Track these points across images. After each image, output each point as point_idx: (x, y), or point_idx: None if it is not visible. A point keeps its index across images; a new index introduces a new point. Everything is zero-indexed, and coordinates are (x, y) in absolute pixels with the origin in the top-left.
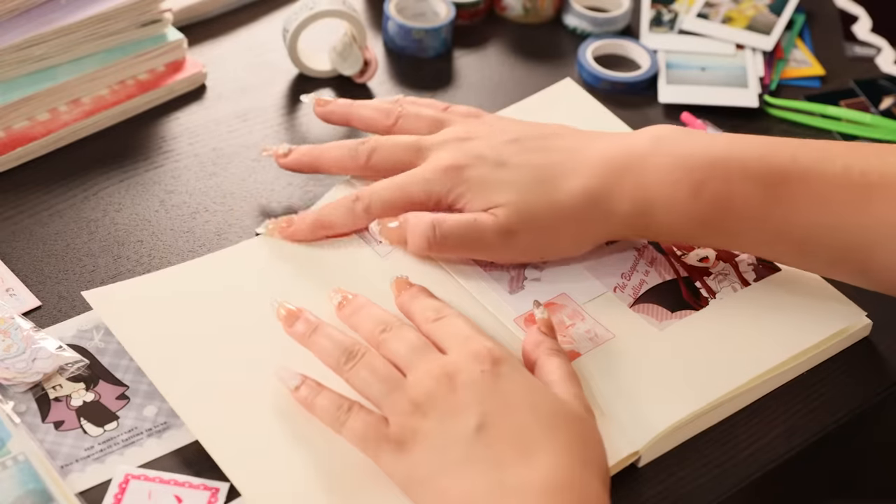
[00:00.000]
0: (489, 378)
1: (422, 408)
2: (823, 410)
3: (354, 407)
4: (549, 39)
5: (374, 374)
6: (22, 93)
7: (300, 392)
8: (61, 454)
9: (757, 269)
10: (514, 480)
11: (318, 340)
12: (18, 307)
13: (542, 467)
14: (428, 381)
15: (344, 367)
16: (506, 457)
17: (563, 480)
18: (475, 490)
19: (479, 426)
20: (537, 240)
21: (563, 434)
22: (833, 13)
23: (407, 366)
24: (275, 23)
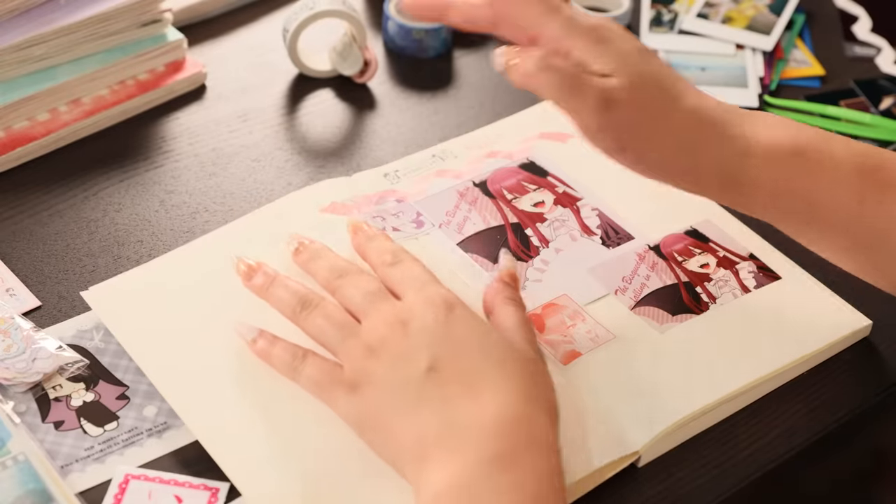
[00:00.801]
0: (442, 323)
1: (375, 352)
2: (823, 410)
3: (309, 354)
4: None
5: (329, 321)
6: (22, 93)
7: (257, 345)
8: (61, 454)
9: (757, 277)
10: (463, 417)
11: (275, 291)
12: (18, 307)
13: (491, 404)
14: (382, 327)
15: (300, 314)
16: (456, 395)
17: (512, 415)
18: (426, 428)
19: (430, 367)
20: (630, 123)
21: (512, 373)
22: (833, 13)
23: (362, 312)
24: (275, 23)
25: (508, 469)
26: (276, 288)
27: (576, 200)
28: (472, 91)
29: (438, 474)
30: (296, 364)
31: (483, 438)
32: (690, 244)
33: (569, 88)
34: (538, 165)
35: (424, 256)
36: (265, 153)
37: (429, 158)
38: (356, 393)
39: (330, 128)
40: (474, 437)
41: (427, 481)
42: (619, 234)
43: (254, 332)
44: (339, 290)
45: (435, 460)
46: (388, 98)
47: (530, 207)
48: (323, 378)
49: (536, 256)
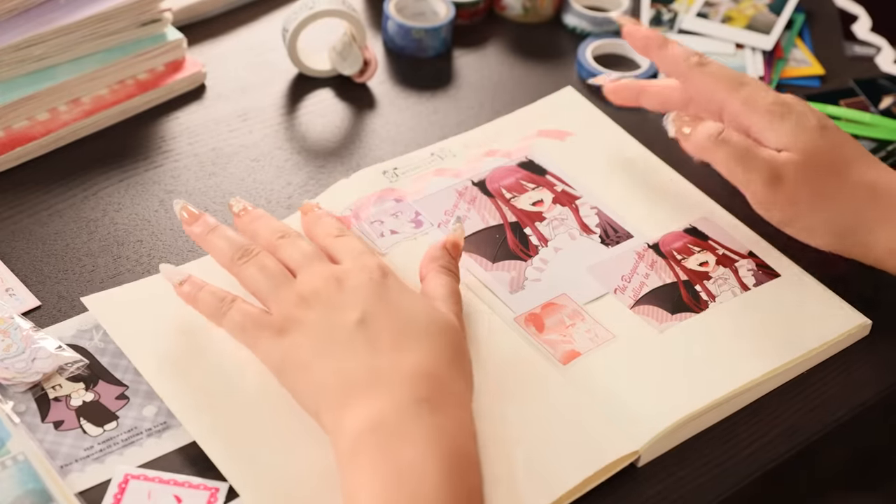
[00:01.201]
0: (376, 284)
1: (307, 301)
2: (823, 410)
3: (238, 300)
4: (549, 39)
5: (264, 271)
6: (21, 92)
7: (183, 288)
8: (61, 454)
9: (756, 275)
10: (388, 365)
11: (214, 240)
12: (18, 307)
13: (413, 357)
14: (317, 280)
15: (237, 262)
16: (382, 346)
17: (431, 370)
18: (348, 370)
19: (361, 320)
20: (797, 200)
21: (436, 339)
22: (833, 12)
23: (299, 268)
24: (274, 22)
25: (431, 412)
26: (215, 236)
27: (574, 199)
28: (472, 91)
29: (360, 415)
30: (222, 307)
31: (407, 383)
32: (689, 242)
33: (740, 162)
34: (537, 164)
35: (422, 256)
36: (265, 153)
37: (427, 157)
38: (282, 336)
39: (330, 127)
40: (398, 382)
41: (347, 423)
42: (618, 233)
43: (181, 275)
44: (279, 249)
45: (357, 403)
46: (388, 98)
47: (529, 206)
48: (248, 321)
49: (535, 255)
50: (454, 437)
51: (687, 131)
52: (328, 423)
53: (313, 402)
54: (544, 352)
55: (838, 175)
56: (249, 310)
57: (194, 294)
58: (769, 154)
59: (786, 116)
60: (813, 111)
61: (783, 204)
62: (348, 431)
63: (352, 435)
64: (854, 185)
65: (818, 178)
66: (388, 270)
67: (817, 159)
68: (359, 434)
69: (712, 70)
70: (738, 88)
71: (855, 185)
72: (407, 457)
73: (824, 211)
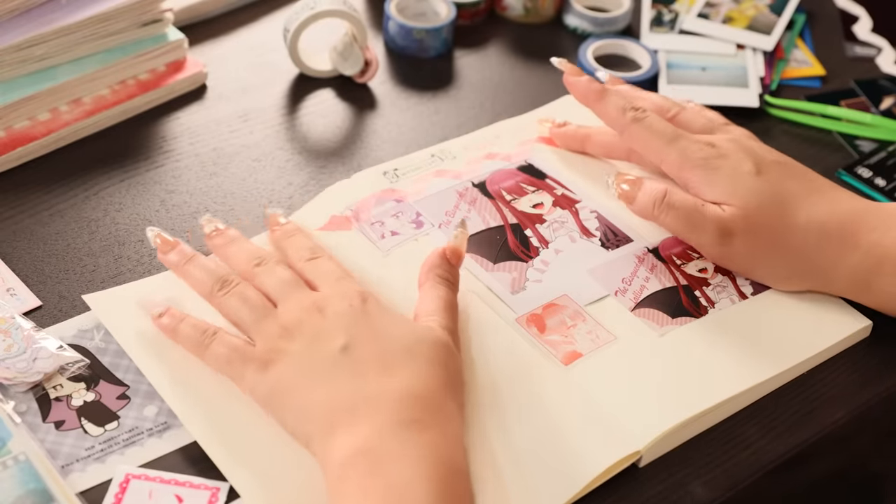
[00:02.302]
0: (357, 310)
1: (291, 332)
2: (823, 410)
3: (220, 332)
4: (550, 39)
5: (246, 303)
6: (22, 93)
7: (162, 320)
8: (62, 454)
9: (754, 284)
10: (374, 389)
11: (192, 270)
12: (19, 307)
13: (399, 379)
14: (298, 311)
15: (217, 293)
16: (368, 371)
17: (419, 391)
18: (336, 398)
19: (345, 347)
20: (751, 250)
21: (424, 358)
22: (833, 13)
23: (278, 298)
24: (275, 23)
25: (420, 431)
26: (192, 266)
27: (574, 202)
28: (473, 91)
29: (347, 442)
30: (204, 340)
31: (393, 406)
32: (689, 248)
33: (687, 224)
34: (536, 168)
35: (423, 257)
36: (266, 153)
37: (427, 158)
38: (267, 369)
39: (331, 128)
40: (384, 405)
41: (334, 450)
42: (618, 237)
43: (160, 307)
44: (256, 277)
45: (343, 430)
46: (389, 98)
47: (529, 208)
48: (233, 355)
49: (536, 257)
50: (444, 453)
51: (626, 188)
52: (317, 452)
53: (302, 431)
54: (545, 352)
55: (785, 220)
56: (233, 342)
57: (174, 326)
58: (714, 212)
59: (720, 169)
60: (750, 153)
61: (739, 257)
62: (335, 460)
63: (339, 461)
64: (803, 227)
65: (766, 226)
66: (367, 295)
67: (760, 209)
68: (345, 460)
69: (648, 124)
70: (672, 143)
71: (804, 228)
72: (396, 476)
73: (780, 258)
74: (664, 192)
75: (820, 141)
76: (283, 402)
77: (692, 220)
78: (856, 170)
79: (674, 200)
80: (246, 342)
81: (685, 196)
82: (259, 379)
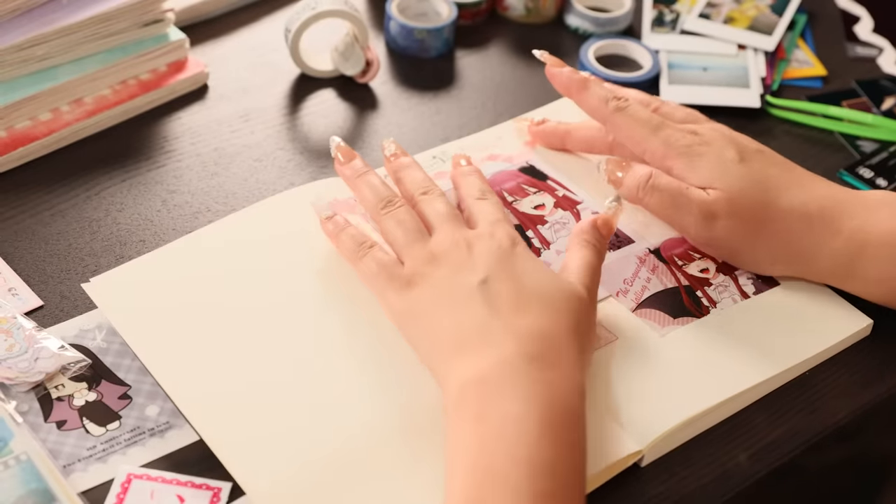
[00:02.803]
0: (505, 252)
1: (438, 259)
2: (825, 410)
3: (376, 247)
4: (551, 39)
5: (403, 225)
6: (24, 93)
7: (328, 225)
8: (63, 454)
9: (756, 283)
10: (500, 324)
11: (361, 186)
12: (21, 307)
13: (531, 319)
14: (449, 242)
15: (380, 211)
16: (501, 307)
17: (547, 332)
18: (463, 325)
19: (484, 281)
20: (735, 234)
21: (557, 306)
22: (835, 13)
23: (435, 227)
24: (277, 23)
25: (541, 369)
26: (362, 182)
27: (576, 204)
28: (474, 91)
29: (469, 368)
30: (361, 251)
31: (520, 341)
32: (690, 248)
33: (672, 206)
34: (538, 169)
35: None
36: (267, 153)
37: (429, 160)
38: (407, 290)
39: (332, 128)
40: (511, 338)
41: (456, 374)
42: (620, 238)
43: (327, 211)
44: (419, 204)
45: (468, 355)
46: (390, 98)
47: (531, 210)
48: (381, 271)
49: (538, 257)
50: (562, 394)
51: (620, 175)
52: (439, 373)
53: (428, 352)
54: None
55: (768, 205)
56: (383, 259)
57: (336, 233)
58: (698, 194)
59: (704, 155)
60: (730, 141)
61: (722, 240)
62: (456, 382)
63: (459, 386)
64: (786, 212)
65: (749, 210)
66: (517, 240)
67: (743, 193)
68: (465, 385)
69: (631, 113)
70: (657, 131)
71: (787, 213)
72: (511, 409)
73: (763, 242)
74: (649, 173)
75: (821, 141)
76: (416, 323)
77: (676, 202)
78: (857, 170)
79: (659, 182)
80: (396, 259)
81: (670, 179)
82: (398, 297)
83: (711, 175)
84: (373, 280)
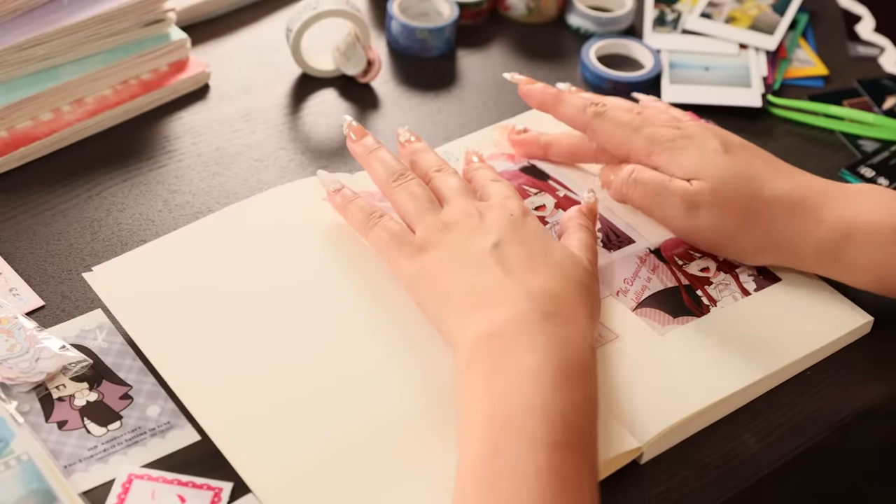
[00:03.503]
0: (516, 220)
1: (450, 227)
2: (826, 410)
3: (385, 216)
4: (553, 39)
5: (414, 196)
6: (25, 93)
7: (335, 197)
8: (64, 454)
9: (757, 280)
10: (514, 283)
11: (373, 162)
12: (22, 307)
13: (542, 282)
14: (461, 212)
15: (392, 183)
16: (513, 269)
17: (558, 291)
18: (476, 284)
19: (496, 244)
20: (718, 223)
21: (565, 272)
22: (836, 13)
23: (447, 199)
24: (278, 22)
25: (555, 324)
26: (373, 158)
27: (577, 204)
28: (476, 91)
29: (482, 322)
30: (371, 221)
31: (532, 298)
32: (691, 248)
33: (655, 197)
34: (539, 169)
35: None
36: (268, 153)
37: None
38: (420, 255)
39: (333, 128)
40: (523, 296)
41: (468, 330)
42: (620, 238)
43: (335, 183)
44: (433, 180)
45: (481, 311)
46: (392, 98)
47: (531, 211)
48: (391, 239)
49: None
50: (574, 349)
51: (612, 178)
52: (451, 331)
53: (438, 311)
54: None
55: (752, 194)
56: (394, 228)
57: (345, 205)
58: (681, 185)
59: (686, 148)
60: (714, 134)
61: (706, 231)
62: (469, 337)
63: (472, 340)
64: (769, 201)
65: (733, 200)
66: (529, 212)
67: (727, 182)
68: (478, 340)
69: (611, 116)
70: (638, 130)
71: (771, 202)
72: (525, 362)
73: (748, 232)
74: (632, 168)
75: (823, 141)
76: (428, 286)
77: (659, 195)
78: (858, 169)
79: (641, 176)
80: (406, 228)
81: (653, 172)
82: (409, 263)
83: (695, 166)
84: (384, 248)
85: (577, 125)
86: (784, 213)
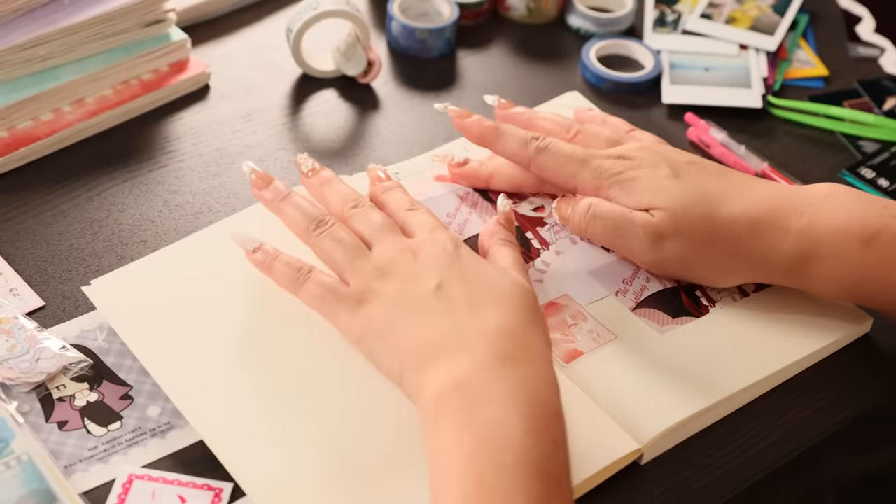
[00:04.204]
0: (450, 255)
1: (384, 272)
2: (826, 410)
3: (314, 271)
4: (553, 40)
5: (340, 243)
6: (26, 93)
7: (257, 256)
8: (65, 454)
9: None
10: (468, 326)
11: (286, 209)
12: (22, 307)
13: (492, 319)
14: (393, 253)
15: (312, 233)
16: (460, 310)
17: (511, 329)
18: (428, 332)
19: (438, 286)
20: (685, 252)
21: (512, 301)
22: (837, 14)
23: (373, 240)
24: (279, 23)
25: (514, 367)
26: (287, 205)
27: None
28: (476, 91)
29: (442, 376)
30: (299, 278)
31: (488, 342)
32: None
33: (617, 232)
34: None
35: None
36: (269, 153)
37: (429, 161)
38: (361, 308)
39: (333, 128)
40: (479, 341)
41: (430, 385)
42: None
43: (254, 243)
44: (351, 219)
45: (438, 364)
46: (392, 98)
47: (530, 212)
48: (327, 294)
49: (538, 258)
50: (537, 391)
51: (570, 211)
52: (410, 387)
53: (394, 367)
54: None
55: (712, 218)
56: (327, 281)
57: (269, 263)
58: (643, 217)
59: (637, 179)
60: (660, 157)
61: (672, 261)
62: (431, 393)
63: (434, 396)
64: (731, 222)
65: (695, 225)
66: (459, 242)
67: (685, 210)
68: (441, 395)
69: (554, 152)
70: (584, 164)
71: (733, 220)
72: (491, 413)
73: (714, 255)
74: (589, 203)
75: (823, 141)
76: (376, 340)
77: (621, 228)
78: (859, 170)
79: (600, 211)
80: (339, 280)
81: (612, 205)
82: (352, 317)
83: (650, 196)
84: (320, 304)
85: (519, 161)
86: (748, 231)
